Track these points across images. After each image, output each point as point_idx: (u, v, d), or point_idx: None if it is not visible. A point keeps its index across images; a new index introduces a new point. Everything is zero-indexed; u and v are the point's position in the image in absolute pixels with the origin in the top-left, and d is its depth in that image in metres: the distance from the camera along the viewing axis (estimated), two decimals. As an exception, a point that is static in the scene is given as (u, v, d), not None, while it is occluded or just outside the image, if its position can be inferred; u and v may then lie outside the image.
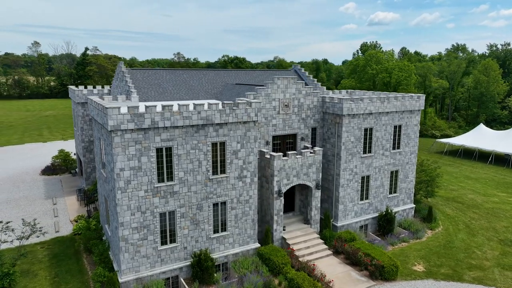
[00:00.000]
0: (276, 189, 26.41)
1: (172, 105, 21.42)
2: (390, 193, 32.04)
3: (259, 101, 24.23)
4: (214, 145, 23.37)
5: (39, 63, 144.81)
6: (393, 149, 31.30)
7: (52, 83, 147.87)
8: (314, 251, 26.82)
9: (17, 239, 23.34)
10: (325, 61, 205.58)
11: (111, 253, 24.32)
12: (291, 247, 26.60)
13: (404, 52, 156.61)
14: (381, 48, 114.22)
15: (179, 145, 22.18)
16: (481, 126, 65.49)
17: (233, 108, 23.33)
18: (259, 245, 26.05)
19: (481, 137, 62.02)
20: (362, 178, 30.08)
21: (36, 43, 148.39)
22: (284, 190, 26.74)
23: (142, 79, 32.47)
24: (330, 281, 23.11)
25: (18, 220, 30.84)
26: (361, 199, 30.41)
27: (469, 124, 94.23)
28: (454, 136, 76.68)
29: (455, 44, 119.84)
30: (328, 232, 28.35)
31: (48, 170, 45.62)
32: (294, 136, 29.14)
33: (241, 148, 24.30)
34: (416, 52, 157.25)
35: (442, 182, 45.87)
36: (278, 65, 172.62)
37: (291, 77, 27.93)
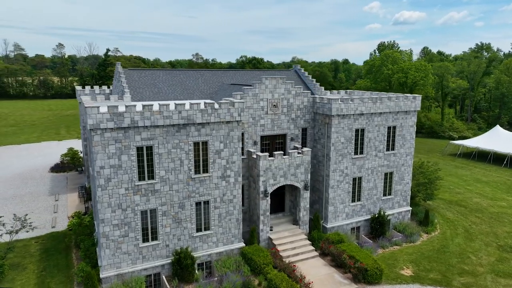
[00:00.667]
0: (262, 189, 26.43)
1: (152, 105, 21.80)
2: (385, 195, 31.44)
3: (242, 101, 24.32)
4: (196, 144, 23.61)
5: (63, 64, 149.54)
6: (387, 150, 30.71)
7: (75, 84, 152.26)
8: (300, 252, 26.66)
9: (6, 233, 24.29)
10: (346, 61, 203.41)
11: (98, 249, 24.94)
12: (276, 247, 26.53)
13: (426, 51, 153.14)
14: (398, 47, 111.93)
15: (160, 144, 22.53)
16: (498, 127, 63.25)
17: (215, 108, 23.50)
18: (243, 244, 26.11)
19: (497, 139, 59.90)
20: (354, 179, 29.65)
21: (60, 45, 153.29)
22: (270, 190, 26.72)
23: (138, 79, 33.10)
24: (310, 283, 22.92)
25: (19, 215, 32.08)
26: (353, 200, 29.98)
27: (490, 126, 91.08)
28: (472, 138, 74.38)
29: (480, 43, 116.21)
30: (316, 234, 28.11)
31: (57, 168, 47.14)
32: (283, 136, 29.04)
33: (224, 147, 24.44)
34: (439, 52, 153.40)
35: (448, 185, 44.68)
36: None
37: (279, 77, 27.87)
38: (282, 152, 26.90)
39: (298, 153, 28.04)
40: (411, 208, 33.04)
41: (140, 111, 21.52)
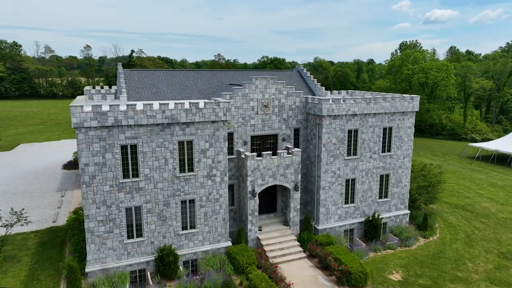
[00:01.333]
0: (250, 189, 26.49)
1: (135, 104, 22.30)
2: (380, 197, 30.79)
3: (227, 101, 24.48)
4: (181, 143, 23.95)
5: (90, 65, 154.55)
6: (382, 152, 30.07)
7: (101, 84, 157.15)
8: (287, 253, 26.54)
9: (2, 226, 25.49)
10: (371, 61, 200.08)
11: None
12: (263, 248, 26.53)
13: (453, 51, 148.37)
14: (421, 47, 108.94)
15: (144, 143, 23.02)
16: (520, 130, 60.53)
17: (200, 107, 23.77)
18: (230, 244, 26.25)
19: (518, 142, 57.43)
20: (347, 181, 29.21)
21: (87, 47, 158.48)
22: (258, 190, 26.75)
23: (138, 79, 33.85)
24: (290, 284, 22.79)
25: (27, 209, 33.58)
26: (346, 202, 29.54)
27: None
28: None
29: (510, 42, 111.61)
30: (305, 235, 27.91)
31: (69, 165, 48.84)
32: (275, 136, 28.98)
33: (210, 147, 24.67)
34: (467, 51, 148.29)
35: (457, 188, 43.24)
36: (317, 66, 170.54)
37: (270, 78, 27.84)
38: (270, 152, 26.86)
39: (288, 153, 27.93)
40: (409, 212, 32.20)
41: (123, 110, 22.08)
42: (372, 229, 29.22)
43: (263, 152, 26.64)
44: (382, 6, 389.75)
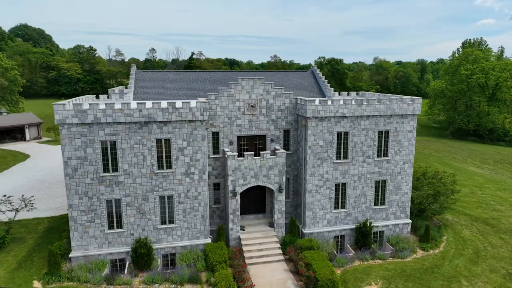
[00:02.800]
0: (231, 188, 26.80)
1: (113, 103, 23.81)
2: (376, 204, 29.23)
3: (204, 101, 25.06)
4: (158, 141, 25.03)
5: (153, 67, 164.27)
6: (378, 156, 28.53)
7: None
8: (265, 255, 26.40)
9: (9, 210, 28.63)
10: (441, 61, 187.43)
11: (83, 232, 27.89)
12: (242, 247, 26.68)
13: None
14: (486, 45, 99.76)
15: (123, 140, 24.44)
16: None
17: (176, 107, 24.64)
18: (209, 241, 26.78)
19: None
20: (336, 185, 28.20)
21: (152, 49, 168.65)
22: (240, 190, 26.95)
23: (149, 80, 35.73)
24: (252, 285, 22.73)
25: (53, 197, 37.26)
26: (336, 207, 28.53)
27: None
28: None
29: None
30: (288, 238, 27.52)
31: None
32: (263, 137, 28.92)
33: (188, 145, 25.43)
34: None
35: (489, 200, 39.34)
36: (377, 66, 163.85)
37: (257, 78, 27.86)
38: (252, 152, 26.91)
39: (271, 154, 27.73)
40: (410, 221, 30.10)
41: (102, 109, 23.68)
42: (361, 237, 27.89)
43: (245, 153, 26.79)
44: (463, 1, 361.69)
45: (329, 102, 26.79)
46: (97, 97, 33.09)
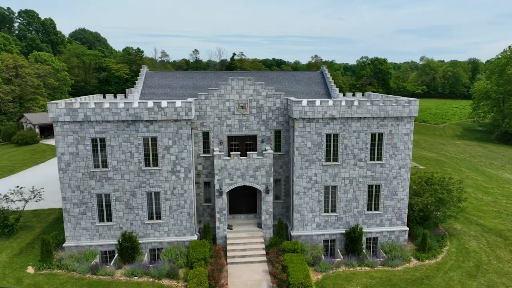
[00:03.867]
0: (217, 187, 27.16)
1: (102, 103, 25.07)
2: (369, 209, 28.18)
3: (188, 101, 25.60)
4: (145, 139, 25.95)
5: (196, 68, 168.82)
6: (371, 160, 27.49)
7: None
8: (248, 255, 26.45)
9: (19, 200, 30.97)
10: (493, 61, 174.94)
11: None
12: (227, 246, 26.93)
13: None
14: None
15: (112, 137, 25.64)
16: None
17: (162, 106, 25.41)
18: (195, 238, 27.31)
19: None
20: (326, 188, 27.56)
21: (195, 51, 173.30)
22: (226, 189, 27.23)
23: (158, 80, 37.02)
24: (224, 285, 22.90)
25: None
26: (326, 211, 27.89)
27: None
28: None
29: None
30: (274, 239, 27.35)
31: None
32: (254, 137, 28.95)
33: (173, 144, 26.12)
34: None
35: (511, 210, 36.42)
36: (423, 66, 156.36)
37: (247, 79, 27.94)
38: (239, 152, 27.06)
39: (258, 155, 27.69)
40: (407, 229, 28.65)
41: (92, 107, 25.02)
42: (350, 242, 27.04)
43: (232, 152, 27.01)
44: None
45: (317, 103, 26.27)
46: (104, 97, 34.76)
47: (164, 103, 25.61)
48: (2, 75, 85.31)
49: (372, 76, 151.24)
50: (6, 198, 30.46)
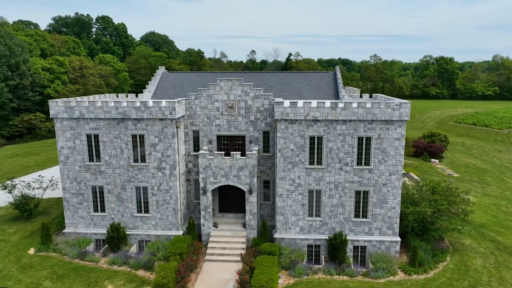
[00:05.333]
0: (202, 185, 27.82)
1: (95, 101, 26.98)
2: (357, 217, 26.90)
3: (173, 101, 26.53)
4: (134, 136, 27.40)
5: (254, 68, 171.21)
6: (358, 164, 26.22)
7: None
8: (226, 254, 26.73)
9: (37, 188, 34.26)
10: None
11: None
12: (208, 243, 27.48)
13: None
14: None
15: (104, 134, 27.47)
16: None
17: (148, 106, 26.66)
18: (180, 233, 28.22)
19: None
20: (310, 191, 26.85)
21: (252, 51, 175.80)
22: (211, 188, 27.78)
23: (171, 80, 38.65)
24: (188, 280, 23.47)
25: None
26: (310, 215, 27.17)
27: None
28: None
29: None
30: (255, 241, 27.32)
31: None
32: (243, 138, 29.08)
33: (159, 142, 27.25)
34: None
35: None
36: (495, 66, 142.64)
37: (236, 79, 28.17)
38: (223, 152, 27.42)
39: (242, 155, 27.78)
40: (399, 239, 26.82)
41: (86, 106, 27.04)
42: (332, 249, 26.06)
43: (216, 152, 27.48)
44: None
45: (299, 104, 25.72)
46: (117, 96, 37.06)
47: (150, 103, 26.82)
48: (68, 75, 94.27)
49: (435, 76, 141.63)
50: (29, 186, 33.96)
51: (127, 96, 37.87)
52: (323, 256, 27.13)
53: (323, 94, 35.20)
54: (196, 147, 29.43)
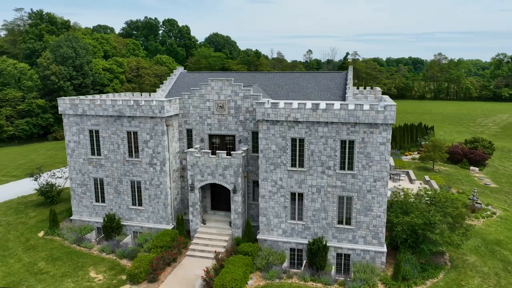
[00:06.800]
0: (190, 182, 28.63)
1: (96, 99, 29.03)
2: (340, 223, 25.81)
3: (162, 100, 27.62)
4: (128, 133, 29.01)
5: (309, 68, 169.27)
6: (341, 169, 25.16)
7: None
8: (207, 251, 27.22)
9: (59, 178, 37.52)
10: None
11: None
12: (193, 239, 28.23)
13: None
14: None
15: (103, 130, 29.45)
16: None
17: (140, 104, 28.07)
18: (170, 227, 29.30)
19: None
20: (292, 194, 26.33)
21: (309, 51, 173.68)
22: (198, 185, 28.48)
23: (187, 81, 39.99)
24: (159, 273, 24.36)
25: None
26: (292, 218, 26.64)
27: None
28: None
29: None
30: (237, 240, 27.48)
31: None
32: (233, 137, 29.32)
33: (151, 139, 28.54)
34: None
35: None
36: None
37: (226, 79, 28.49)
38: (210, 151, 27.93)
39: (227, 154, 28.02)
40: (385, 250, 25.23)
41: (87, 104, 29.21)
42: (310, 254, 25.32)
43: (203, 150, 28.10)
44: None
45: (280, 105, 25.35)
46: (141, 95, 39.17)
47: (142, 102, 28.20)
48: (126, 75, 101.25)
49: (509, 76, 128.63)
50: (53, 175, 37.44)
51: (149, 95, 39.95)
52: (305, 261, 26.47)
53: (331, 95, 34.13)
54: (190, 145, 30.29)
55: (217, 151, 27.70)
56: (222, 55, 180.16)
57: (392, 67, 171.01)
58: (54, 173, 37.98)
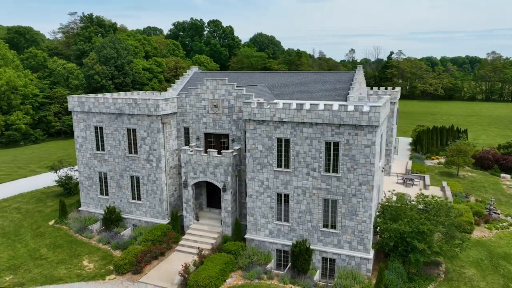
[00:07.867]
0: (183, 179, 29.34)
1: (100, 98, 30.60)
2: (325, 226, 25.20)
3: (157, 99, 28.52)
4: (128, 130, 30.26)
5: (351, 67, 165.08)
6: (326, 171, 24.55)
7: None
8: (196, 246, 27.72)
9: (77, 170, 39.84)
10: None
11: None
12: (185, 235, 28.92)
13: None
14: None
15: (106, 126, 30.97)
16: None
17: (137, 103, 29.20)
18: (165, 222, 30.20)
19: None
20: (278, 195, 26.11)
21: (351, 50, 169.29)
22: (191, 182, 29.10)
23: (200, 80, 40.81)
24: (143, 265, 25.21)
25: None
26: (278, 219, 26.43)
27: None
28: None
29: None
30: (225, 238, 27.76)
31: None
32: (227, 136, 29.58)
33: (147, 136, 29.58)
34: None
35: None
36: None
37: (220, 79, 28.80)
38: (202, 149, 28.41)
39: (218, 153, 28.29)
40: (371, 257, 24.26)
41: (92, 101, 30.86)
42: (293, 256, 24.98)
43: (195, 148, 28.66)
44: None
45: (266, 105, 25.24)
46: (160, 93, 40.60)
47: (139, 100, 29.29)
48: (164, 75, 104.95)
49: None
50: (72, 167, 39.93)
51: (160, 93, 41.27)
52: (290, 263, 26.17)
53: (336, 95, 33.30)
54: (187, 143, 30.99)
55: (208, 150, 28.13)
56: (264, 55, 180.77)
57: (440, 66, 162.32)
58: (73, 166, 40.48)
